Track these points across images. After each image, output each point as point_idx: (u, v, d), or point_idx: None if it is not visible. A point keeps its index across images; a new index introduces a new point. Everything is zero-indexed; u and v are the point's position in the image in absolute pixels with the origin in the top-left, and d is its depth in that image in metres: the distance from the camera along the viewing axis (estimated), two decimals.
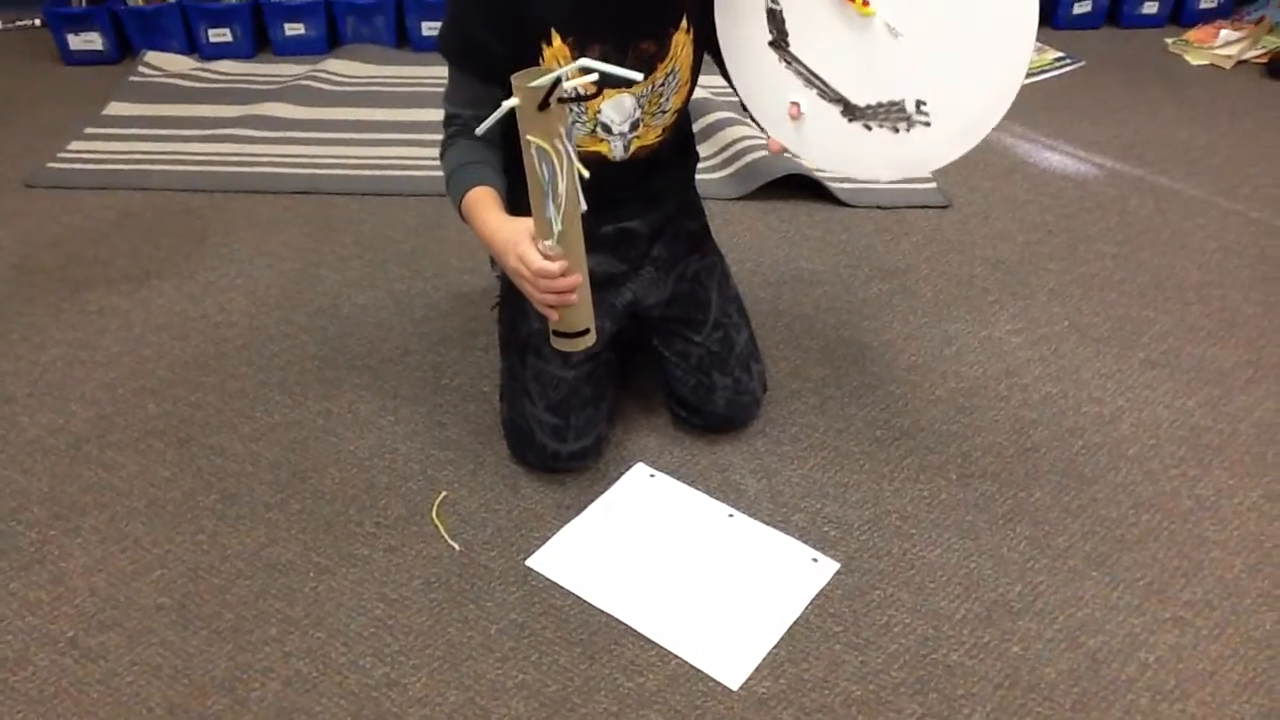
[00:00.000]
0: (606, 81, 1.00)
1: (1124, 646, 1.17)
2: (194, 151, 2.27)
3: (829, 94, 1.17)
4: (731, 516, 1.34)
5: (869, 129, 1.16)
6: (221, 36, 2.76)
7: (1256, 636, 1.18)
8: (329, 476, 1.40)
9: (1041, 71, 2.67)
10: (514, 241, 1.14)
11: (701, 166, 1.60)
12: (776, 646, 1.17)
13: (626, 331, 1.46)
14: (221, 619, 1.20)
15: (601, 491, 1.38)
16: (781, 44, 1.18)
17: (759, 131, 1.36)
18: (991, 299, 1.77)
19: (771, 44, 1.18)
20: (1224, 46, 2.74)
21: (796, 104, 1.20)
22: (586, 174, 1.05)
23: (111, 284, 1.82)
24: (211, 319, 1.72)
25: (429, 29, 2.79)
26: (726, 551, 1.29)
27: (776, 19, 1.16)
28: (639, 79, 0.98)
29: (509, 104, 0.99)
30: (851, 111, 1.17)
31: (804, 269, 1.85)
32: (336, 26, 2.82)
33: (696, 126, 2.18)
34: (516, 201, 1.19)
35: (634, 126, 1.30)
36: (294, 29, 2.78)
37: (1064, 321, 1.71)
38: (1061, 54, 2.74)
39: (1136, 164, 2.21)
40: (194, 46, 2.78)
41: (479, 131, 1.02)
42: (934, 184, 2.10)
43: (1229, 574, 1.26)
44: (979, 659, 1.16)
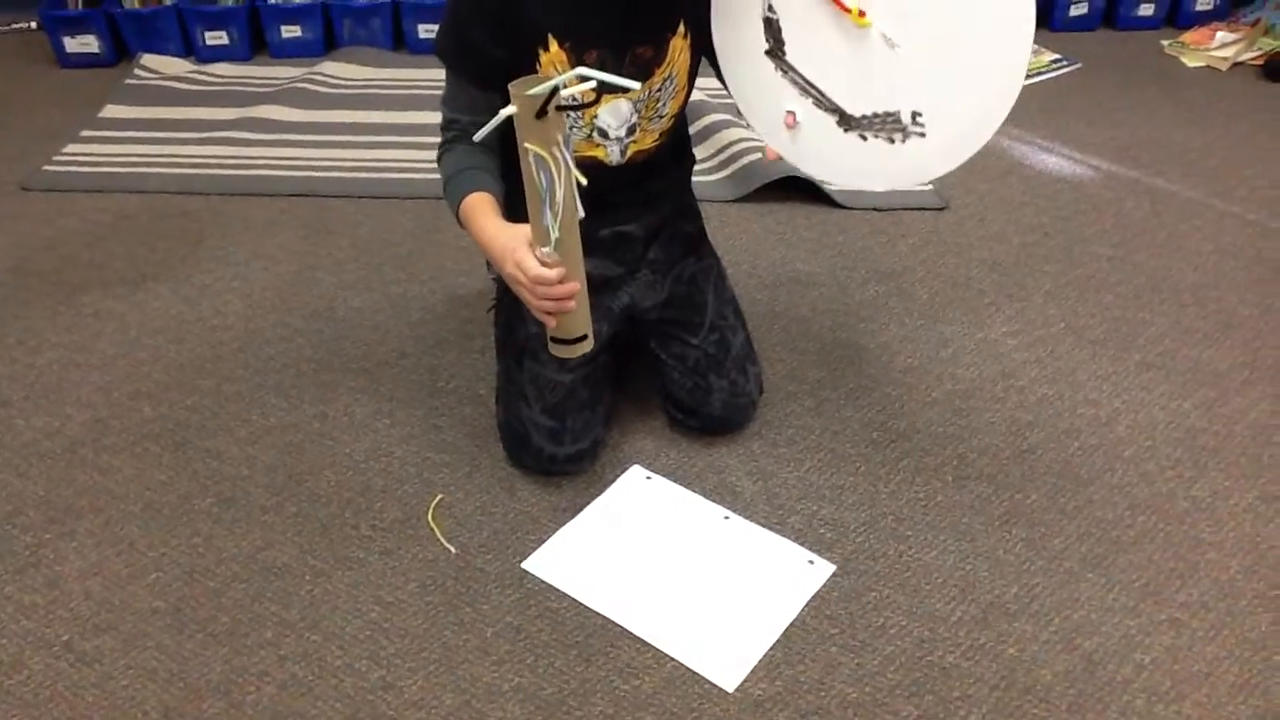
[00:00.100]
0: (604, 87, 1.00)
1: (1120, 648, 1.17)
2: (190, 154, 2.27)
3: (825, 104, 1.17)
4: (728, 518, 1.34)
5: (865, 139, 1.16)
6: (218, 39, 2.76)
7: (1252, 638, 1.18)
8: (325, 479, 1.40)
9: (1038, 73, 2.67)
10: (511, 248, 1.14)
11: (698, 168, 1.60)
12: (772, 649, 1.17)
13: (623, 334, 1.46)
14: (217, 622, 1.20)
15: (598, 494, 1.37)
16: (778, 53, 1.18)
17: (755, 134, 1.36)
18: (988, 301, 1.77)
19: (768, 53, 1.18)
20: (1220, 48, 2.74)
21: (792, 113, 1.20)
22: (585, 181, 1.04)
23: (107, 287, 1.82)
24: (207, 322, 1.72)
25: (426, 31, 2.79)
26: (723, 554, 1.29)
27: (773, 28, 1.17)
28: (637, 88, 0.98)
29: (506, 112, 0.99)
30: (847, 122, 1.17)
31: (800, 271, 1.85)
32: (333, 29, 2.82)
33: (693, 128, 2.18)
34: (514, 207, 1.18)
35: (631, 131, 1.30)
36: (290, 31, 2.78)
37: (1060, 323, 1.71)
38: (1058, 56, 2.74)
39: (1132, 166, 2.21)
40: (190, 49, 2.78)
41: (477, 138, 1.02)
42: (930, 186, 2.10)
43: (1225, 575, 1.26)
44: (975, 661, 1.16)
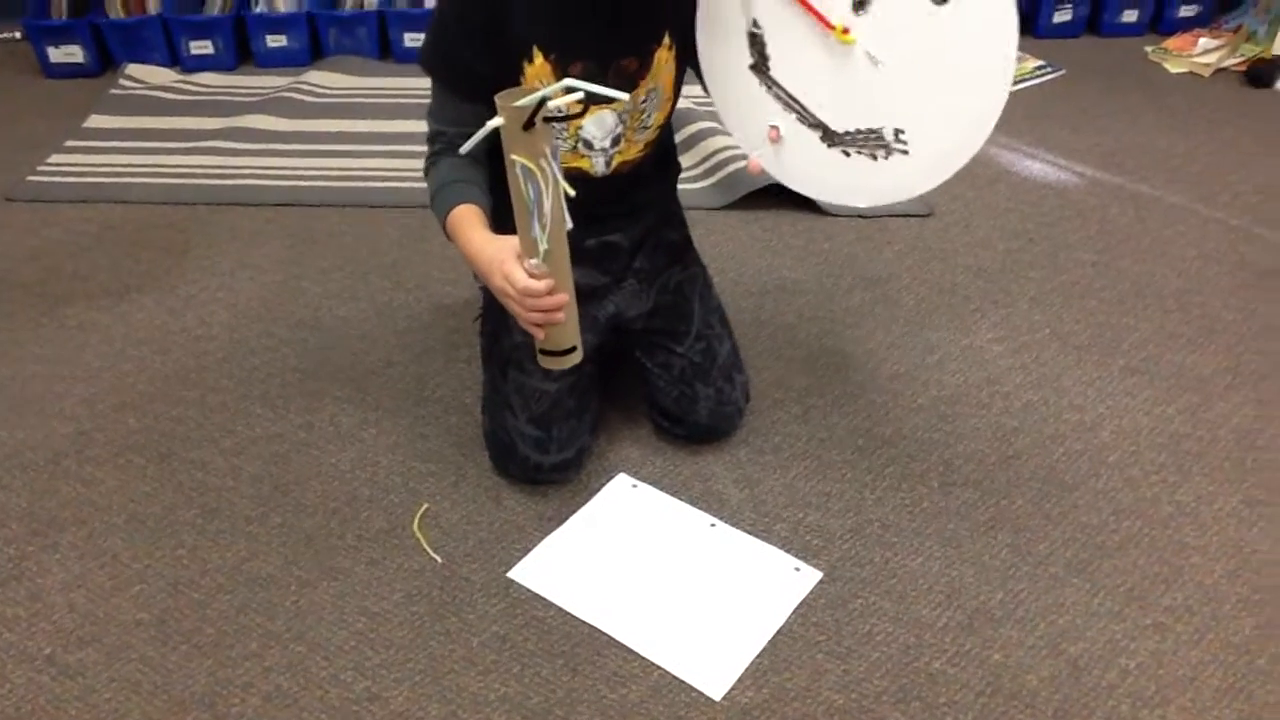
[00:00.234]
0: (591, 98, 1.00)
1: (1105, 653, 1.17)
2: (175, 164, 2.26)
3: (808, 119, 1.18)
4: (714, 526, 1.34)
5: (847, 155, 1.17)
6: (203, 49, 2.75)
7: (1236, 642, 1.19)
8: (310, 490, 1.40)
9: (1022, 80, 2.68)
10: (499, 260, 1.13)
11: (684, 176, 1.60)
12: (759, 656, 1.17)
13: (609, 343, 1.46)
14: (201, 634, 1.20)
15: (583, 502, 1.37)
16: (762, 68, 1.18)
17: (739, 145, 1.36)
18: (973, 307, 1.78)
19: (752, 68, 1.19)
20: (1203, 54, 2.76)
21: (776, 128, 1.20)
22: (573, 193, 1.04)
23: (92, 298, 1.81)
24: (192, 332, 1.72)
25: (412, 40, 2.79)
26: (709, 561, 1.29)
27: (758, 43, 1.17)
28: (624, 98, 0.98)
29: (493, 124, 0.99)
30: (830, 138, 1.17)
31: (786, 278, 1.85)
32: (319, 38, 2.81)
33: (679, 137, 2.18)
34: (502, 219, 1.17)
35: (616, 143, 1.30)
36: (276, 41, 2.78)
37: (1045, 329, 1.72)
38: (1042, 62, 2.76)
39: (1116, 172, 2.22)
40: (175, 59, 2.77)
41: (463, 150, 1.02)
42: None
43: (1209, 580, 1.26)
44: (961, 667, 1.16)
